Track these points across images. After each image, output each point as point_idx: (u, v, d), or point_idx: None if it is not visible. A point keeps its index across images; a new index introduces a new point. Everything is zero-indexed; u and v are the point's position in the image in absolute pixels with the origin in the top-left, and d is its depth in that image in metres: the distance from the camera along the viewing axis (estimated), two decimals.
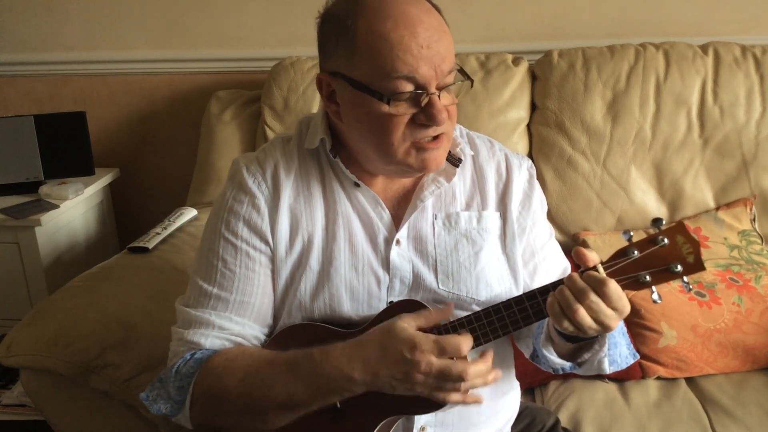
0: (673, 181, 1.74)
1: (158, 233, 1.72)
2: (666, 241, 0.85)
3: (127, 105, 2.26)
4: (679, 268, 0.85)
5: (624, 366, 1.03)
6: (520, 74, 1.82)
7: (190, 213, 1.86)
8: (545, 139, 1.78)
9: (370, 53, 0.89)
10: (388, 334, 0.87)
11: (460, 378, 0.84)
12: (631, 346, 1.07)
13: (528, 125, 1.83)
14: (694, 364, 1.46)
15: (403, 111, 0.91)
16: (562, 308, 0.86)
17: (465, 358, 0.88)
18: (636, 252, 0.86)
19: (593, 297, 0.84)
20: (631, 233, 0.88)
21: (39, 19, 2.20)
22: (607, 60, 1.76)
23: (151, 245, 1.66)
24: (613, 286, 0.84)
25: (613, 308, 0.85)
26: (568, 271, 1.12)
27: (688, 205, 1.74)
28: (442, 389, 0.86)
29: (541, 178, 1.78)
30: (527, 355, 1.11)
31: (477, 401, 0.89)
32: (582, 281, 0.85)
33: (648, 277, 0.86)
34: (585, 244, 1.68)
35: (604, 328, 0.87)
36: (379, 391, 0.88)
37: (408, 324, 0.87)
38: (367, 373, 0.87)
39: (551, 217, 1.79)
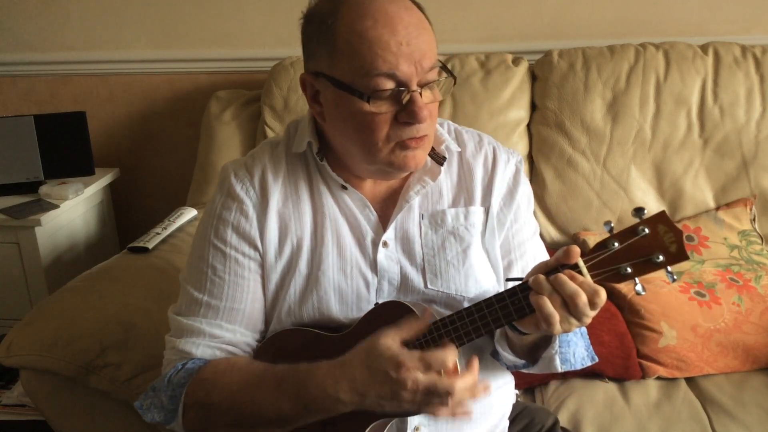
0: (673, 181, 1.74)
1: (158, 233, 1.72)
2: (647, 230, 0.82)
3: (127, 105, 2.26)
4: (661, 258, 0.82)
5: (579, 367, 1.01)
6: (520, 74, 1.82)
7: (190, 213, 1.86)
8: (545, 139, 1.78)
9: (350, 52, 0.89)
10: (372, 354, 0.85)
11: (447, 393, 0.83)
12: (591, 348, 1.05)
13: (528, 125, 1.83)
14: (694, 364, 1.45)
15: (385, 109, 0.91)
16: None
17: (456, 367, 0.87)
18: (616, 243, 0.83)
19: (584, 299, 0.82)
20: (612, 224, 0.85)
21: (39, 19, 2.20)
22: (607, 60, 1.76)
23: (151, 245, 1.66)
24: (603, 295, 0.83)
25: (593, 307, 0.84)
26: None
27: (688, 205, 1.74)
28: (430, 405, 0.85)
29: (541, 178, 1.78)
30: (489, 352, 1.09)
31: (466, 415, 0.87)
32: (574, 285, 0.83)
33: (629, 269, 0.83)
34: (585, 244, 1.68)
35: (581, 324, 0.86)
36: (368, 409, 0.87)
37: (392, 340, 0.85)
38: (354, 394, 0.86)
39: (551, 217, 1.79)
